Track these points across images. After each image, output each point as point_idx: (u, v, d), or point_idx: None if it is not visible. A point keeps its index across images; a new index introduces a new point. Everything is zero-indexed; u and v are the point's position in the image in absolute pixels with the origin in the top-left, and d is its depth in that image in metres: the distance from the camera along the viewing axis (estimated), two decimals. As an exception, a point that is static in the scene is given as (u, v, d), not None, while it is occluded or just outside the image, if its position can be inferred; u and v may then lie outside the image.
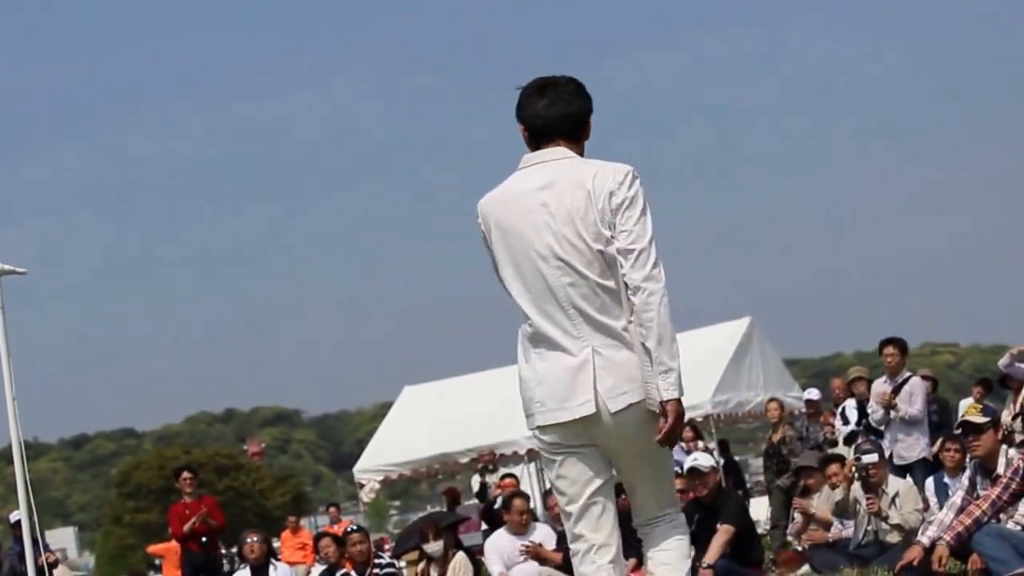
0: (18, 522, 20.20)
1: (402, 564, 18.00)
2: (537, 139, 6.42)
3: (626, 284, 6.16)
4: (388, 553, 17.66)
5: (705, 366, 25.95)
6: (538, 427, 6.30)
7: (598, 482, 6.31)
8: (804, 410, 21.74)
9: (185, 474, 19.66)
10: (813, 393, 22.02)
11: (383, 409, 40.76)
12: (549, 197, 6.24)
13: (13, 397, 6.86)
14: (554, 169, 6.31)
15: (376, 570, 16.53)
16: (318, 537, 19.22)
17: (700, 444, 21.08)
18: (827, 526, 14.76)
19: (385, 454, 26.82)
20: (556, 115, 6.38)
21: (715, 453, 22.00)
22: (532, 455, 26.09)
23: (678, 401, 6.17)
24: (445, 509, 23.13)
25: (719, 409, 25.73)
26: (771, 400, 20.55)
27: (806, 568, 13.85)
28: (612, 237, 6.19)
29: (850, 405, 18.78)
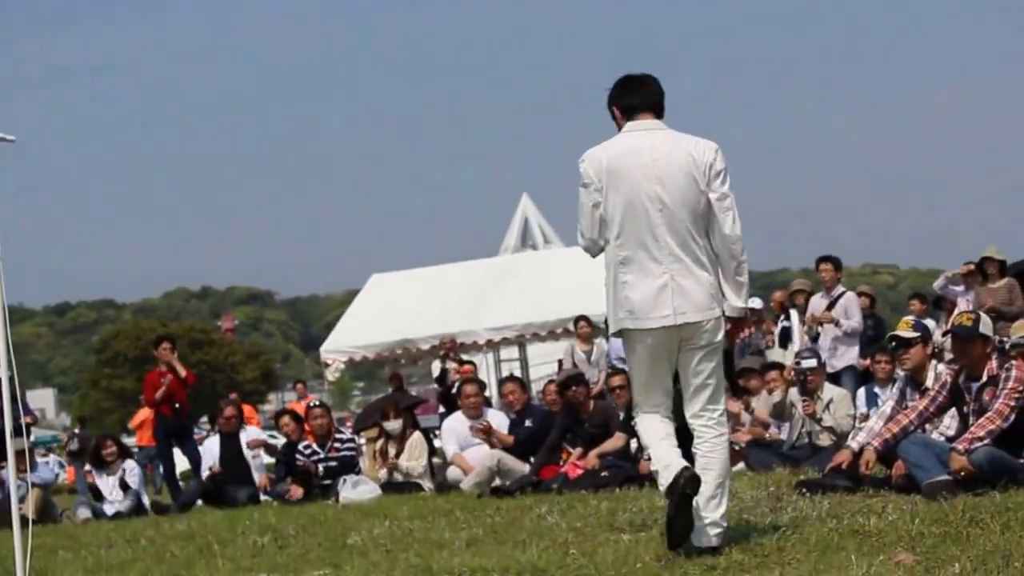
0: None
1: (362, 440, 18.05)
2: (630, 113, 7.81)
3: (723, 233, 7.62)
4: (349, 429, 17.69)
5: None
6: (627, 328, 7.65)
7: (661, 369, 7.75)
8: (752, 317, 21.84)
9: (164, 344, 19.58)
10: (755, 302, 22.17)
11: (351, 295, 40.68)
12: (658, 156, 7.62)
13: (0, 257, 6.79)
14: (657, 136, 7.72)
15: (336, 444, 16.60)
16: (279, 414, 19.24)
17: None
18: (764, 427, 14.87)
19: (351, 337, 26.77)
20: (645, 98, 7.82)
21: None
22: (491, 345, 26.16)
23: (749, 309, 8.07)
24: (390, 392, 23.09)
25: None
26: None
27: (741, 465, 13.91)
28: (706, 194, 7.61)
29: (793, 315, 18.90)
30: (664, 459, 7.61)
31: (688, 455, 7.77)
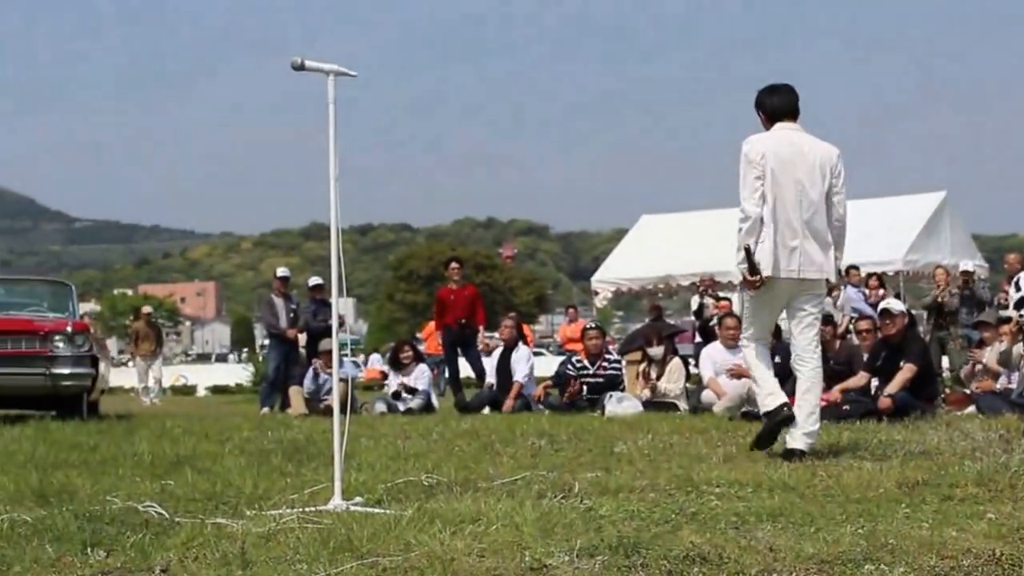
0: (316, 286, 20.81)
1: (624, 361, 18.09)
2: (776, 118, 8.93)
3: (837, 215, 8.90)
4: (614, 351, 17.77)
5: (899, 230, 25.46)
6: (767, 275, 8.74)
7: (777, 309, 9.06)
8: (962, 277, 21.34)
9: (453, 264, 19.84)
10: (968, 264, 21.86)
11: (619, 233, 40.82)
12: (803, 153, 8.80)
13: (335, 178, 7.00)
14: (801, 137, 8.88)
15: (605, 363, 16.69)
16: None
17: (881, 292, 20.76)
18: (995, 376, 14.50)
19: (619, 270, 26.89)
20: (788, 105, 8.96)
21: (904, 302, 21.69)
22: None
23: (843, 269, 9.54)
24: (648, 321, 23.08)
25: (909, 267, 25.24)
26: (937, 267, 20.19)
27: (972, 409, 13.62)
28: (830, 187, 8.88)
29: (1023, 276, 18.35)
30: (770, 386, 8.90)
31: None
